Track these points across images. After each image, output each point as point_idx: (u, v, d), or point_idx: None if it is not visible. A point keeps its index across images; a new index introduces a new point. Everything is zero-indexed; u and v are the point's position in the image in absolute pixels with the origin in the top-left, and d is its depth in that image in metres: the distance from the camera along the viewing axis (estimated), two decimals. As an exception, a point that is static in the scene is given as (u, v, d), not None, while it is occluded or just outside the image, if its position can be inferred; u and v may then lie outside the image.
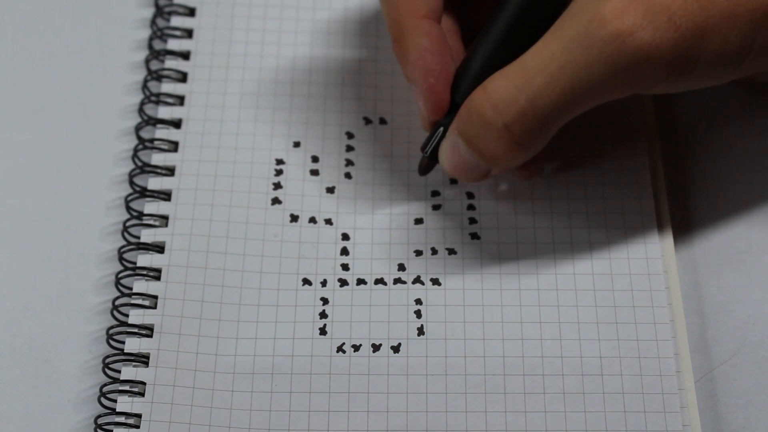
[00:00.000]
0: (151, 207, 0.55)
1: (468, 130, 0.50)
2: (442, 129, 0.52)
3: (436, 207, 0.55)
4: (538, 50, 0.48)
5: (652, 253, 0.53)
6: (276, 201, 0.55)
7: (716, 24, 0.47)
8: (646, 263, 0.53)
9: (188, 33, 0.60)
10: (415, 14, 0.52)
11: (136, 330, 0.52)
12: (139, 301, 0.52)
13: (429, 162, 0.53)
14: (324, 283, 0.53)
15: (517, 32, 0.50)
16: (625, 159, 0.56)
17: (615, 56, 0.47)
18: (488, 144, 0.50)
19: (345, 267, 0.54)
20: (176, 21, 0.60)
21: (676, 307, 0.52)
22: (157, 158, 0.56)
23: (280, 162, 0.56)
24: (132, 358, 0.51)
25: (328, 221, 0.55)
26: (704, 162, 0.56)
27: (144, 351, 0.51)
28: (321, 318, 0.52)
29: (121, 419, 0.50)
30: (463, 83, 0.51)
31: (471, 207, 0.55)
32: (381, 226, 0.55)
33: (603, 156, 0.56)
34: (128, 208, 0.55)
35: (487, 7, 0.53)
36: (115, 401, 0.50)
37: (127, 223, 0.54)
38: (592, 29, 0.47)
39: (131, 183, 0.55)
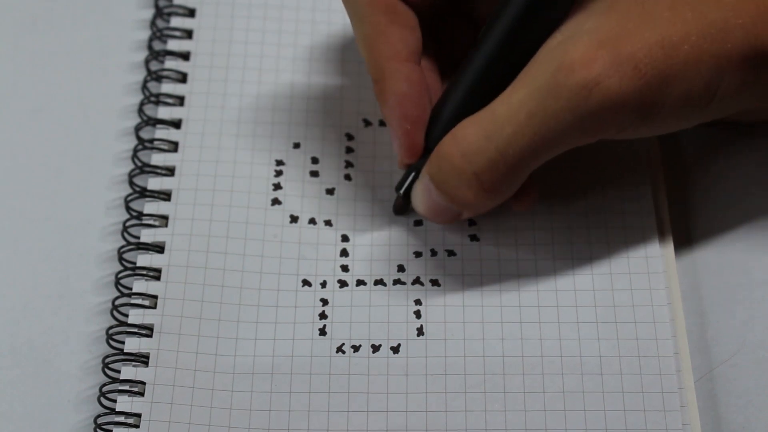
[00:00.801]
0: (151, 207, 0.55)
1: (438, 176, 0.50)
2: (415, 171, 0.52)
3: (435, 208, 0.55)
4: (507, 97, 0.49)
5: (652, 253, 0.53)
6: (276, 202, 0.55)
7: (681, 70, 0.48)
8: (645, 262, 0.53)
9: (188, 34, 0.60)
10: (395, 57, 0.52)
11: (135, 330, 0.52)
12: (139, 301, 0.52)
13: (403, 202, 0.54)
14: (324, 284, 0.53)
15: (488, 78, 0.50)
16: (625, 159, 0.56)
17: (582, 105, 0.48)
18: (457, 191, 0.50)
19: (344, 268, 0.54)
20: (176, 21, 0.60)
21: (676, 306, 0.52)
22: (157, 158, 0.56)
23: (279, 163, 0.56)
24: (132, 357, 0.51)
25: (328, 222, 0.55)
26: (704, 161, 0.57)
27: (144, 351, 0.51)
28: (321, 319, 0.52)
29: (121, 419, 0.50)
30: (435, 128, 0.52)
31: (471, 208, 0.55)
32: (380, 227, 0.55)
33: (603, 156, 0.56)
34: (128, 208, 0.55)
35: (466, 44, 0.53)
36: (114, 401, 0.50)
37: (127, 223, 0.54)
38: (560, 78, 0.48)
39: (131, 183, 0.55)
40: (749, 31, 0.48)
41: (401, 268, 0.54)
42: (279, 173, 0.56)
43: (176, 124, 0.57)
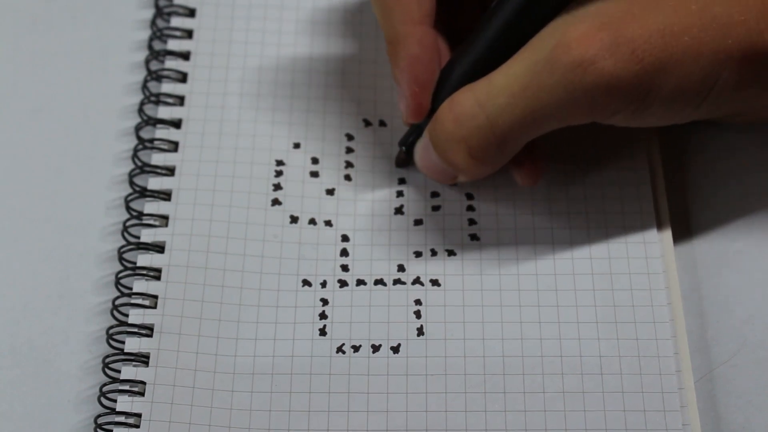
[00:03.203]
0: (151, 207, 0.55)
1: (434, 137, 0.52)
2: (418, 130, 0.54)
3: (435, 208, 0.55)
4: (506, 68, 0.50)
5: (652, 253, 0.53)
6: (276, 202, 0.55)
7: (679, 60, 0.48)
8: (645, 263, 0.53)
9: (188, 33, 0.60)
10: (410, 21, 0.53)
11: (136, 330, 0.52)
12: (139, 301, 0.52)
13: (405, 157, 0.55)
14: (324, 284, 0.53)
15: (494, 48, 0.51)
16: (625, 159, 0.56)
17: (576, 83, 0.48)
18: (449, 154, 0.51)
19: (345, 268, 0.54)
20: (176, 21, 0.60)
21: (676, 306, 0.52)
22: (157, 158, 0.56)
23: (280, 163, 0.56)
24: (132, 357, 0.51)
25: (328, 223, 0.55)
26: (704, 162, 0.57)
27: (144, 351, 0.51)
28: (321, 319, 0.52)
29: (121, 419, 0.50)
30: (440, 92, 0.53)
31: (470, 208, 0.55)
32: (380, 227, 0.55)
33: (602, 156, 0.56)
34: (128, 208, 0.55)
35: (477, 12, 0.53)
36: (115, 401, 0.50)
37: (127, 223, 0.54)
38: (557, 54, 0.48)
39: (131, 183, 0.55)
40: (751, 28, 0.48)
41: (401, 268, 0.54)
42: (279, 173, 0.56)
43: (176, 123, 0.57)
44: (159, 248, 0.54)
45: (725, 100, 0.50)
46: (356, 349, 0.52)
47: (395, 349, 0.52)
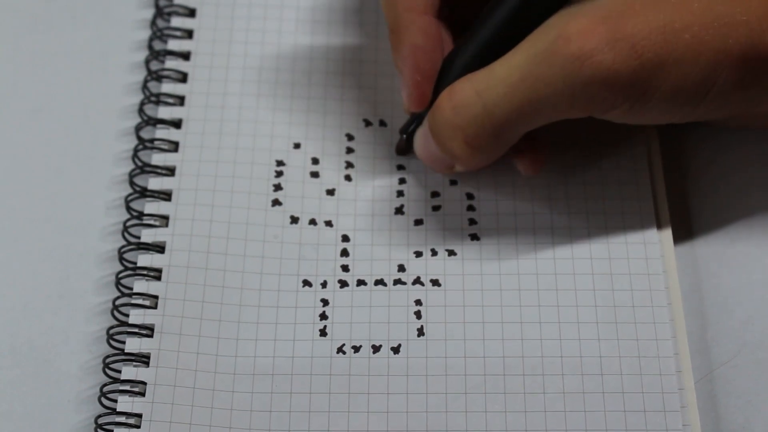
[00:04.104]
0: (151, 207, 0.55)
1: (433, 125, 0.52)
2: (418, 118, 0.54)
3: (435, 208, 0.55)
4: (507, 59, 0.50)
5: (652, 254, 0.53)
6: (276, 202, 0.55)
7: (678, 58, 0.48)
8: (645, 263, 0.53)
9: (188, 33, 0.60)
10: (413, 9, 0.53)
11: (136, 330, 0.52)
12: (140, 301, 0.52)
13: (405, 145, 0.55)
14: (324, 285, 0.53)
15: (497, 39, 0.51)
16: (625, 159, 0.56)
17: (574, 76, 0.48)
18: (447, 141, 0.51)
19: (345, 268, 0.54)
20: (176, 21, 0.60)
21: (676, 306, 0.52)
22: (158, 158, 0.56)
23: (280, 163, 0.56)
24: (132, 358, 0.51)
25: (328, 223, 0.55)
26: (704, 161, 0.57)
27: (144, 351, 0.51)
28: (321, 319, 0.52)
29: (122, 419, 0.50)
30: (441, 82, 0.53)
31: (471, 208, 0.55)
32: (381, 227, 0.55)
33: (602, 156, 0.56)
34: (128, 208, 0.55)
35: (481, 3, 0.54)
36: (115, 401, 0.50)
37: (128, 223, 0.54)
38: (557, 46, 0.48)
39: (131, 183, 0.55)
40: (753, 29, 0.48)
41: (402, 268, 0.54)
42: (279, 174, 0.56)
43: (176, 123, 0.57)
44: (159, 248, 0.54)
45: (724, 101, 0.50)
46: (356, 349, 0.52)
47: (396, 350, 0.52)
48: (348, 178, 0.56)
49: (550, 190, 0.55)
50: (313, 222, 0.55)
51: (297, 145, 0.57)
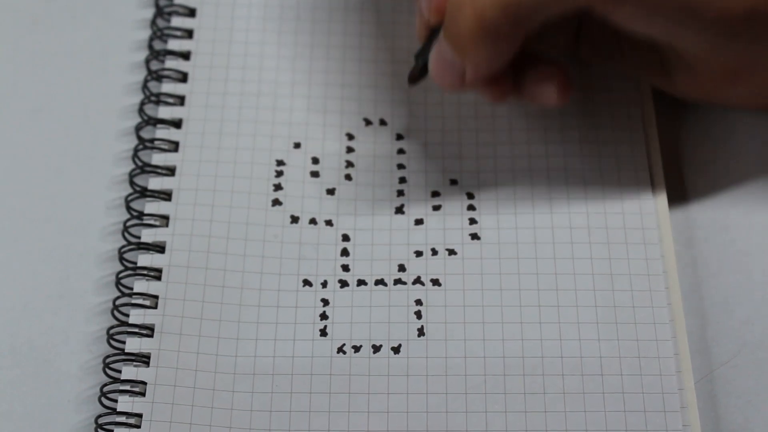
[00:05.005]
0: (151, 207, 0.55)
1: (448, 18, 0.51)
2: (435, 39, 0.53)
3: (436, 207, 0.55)
4: None
5: (652, 254, 0.53)
6: (276, 202, 0.55)
7: None
8: (645, 264, 0.53)
9: (188, 33, 0.60)
10: None
11: (136, 330, 0.52)
12: (140, 301, 0.52)
13: (419, 72, 0.54)
14: (324, 284, 0.53)
15: None
16: (625, 159, 0.56)
17: None
18: (459, 28, 0.51)
19: (345, 268, 0.54)
20: (176, 21, 0.60)
21: (676, 307, 0.52)
22: (158, 158, 0.56)
23: (280, 163, 0.56)
24: (133, 357, 0.51)
25: (329, 222, 0.55)
26: (704, 162, 0.57)
27: (145, 351, 0.51)
28: (321, 319, 0.52)
29: (122, 419, 0.50)
30: None
31: (471, 207, 0.55)
32: (381, 227, 0.55)
33: (602, 155, 0.56)
34: (128, 208, 0.55)
35: None
36: (115, 401, 0.50)
37: (128, 223, 0.54)
38: None
39: (131, 183, 0.55)
40: None
41: (402, 268, 0.54)
42: (279, 173, 0.56)
43: (177, 123, 0.57)
44: (159, 248, 0.54)
45: (693, 27, 0.50)
46: (357, 349, 0.52)
47: (396, 350, 0.52)
48: (348, 177, 0.56)
49: (550, 190, 0.55)
50: (313, 221, 0.55)
51: (297, 145, 0.57)
